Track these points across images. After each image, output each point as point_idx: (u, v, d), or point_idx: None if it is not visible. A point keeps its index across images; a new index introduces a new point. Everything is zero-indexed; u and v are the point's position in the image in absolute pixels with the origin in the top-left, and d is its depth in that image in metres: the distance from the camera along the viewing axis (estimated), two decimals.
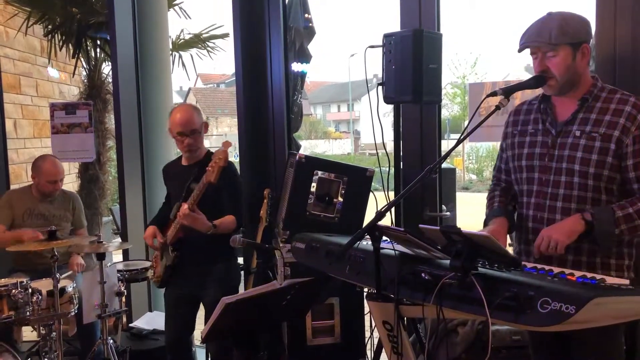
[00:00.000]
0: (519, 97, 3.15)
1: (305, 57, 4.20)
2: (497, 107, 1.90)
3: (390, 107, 2.92)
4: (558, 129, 2.01)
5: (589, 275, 1.62)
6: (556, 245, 1.83)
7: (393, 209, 2.96)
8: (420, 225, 1.70)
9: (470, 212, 3.31)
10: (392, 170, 2.96)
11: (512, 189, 2.22)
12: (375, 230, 1.81)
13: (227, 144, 2.72)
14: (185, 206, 2.71)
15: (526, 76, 2.13)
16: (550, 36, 1.92)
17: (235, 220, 2.87)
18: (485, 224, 2.17)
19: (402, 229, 1.79)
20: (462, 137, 1.94)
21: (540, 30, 1.94)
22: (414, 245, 1.82)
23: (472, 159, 19.96)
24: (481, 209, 2.36)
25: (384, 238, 1.87)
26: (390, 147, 3.00)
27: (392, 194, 2.92)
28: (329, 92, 46.03)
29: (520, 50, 2.02)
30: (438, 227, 1.66)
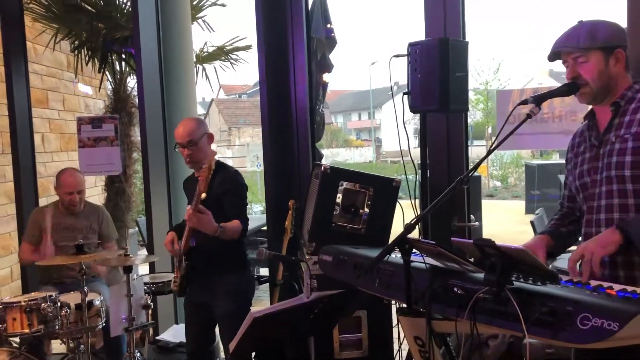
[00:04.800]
0: (546, 105, 3.10)
1: (327, 67, 4.20)
2: (528, 116, 1.86)
3: (412, 115, 2.88)
4: (599, 140, 1.94)
5: (630, 288, 1.56)
6: (591, 256, 1.74)
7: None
8: (453, 239, 1.66)
9: (496, 219, 3.25)
10: (416, 178, 2.93)
11: (574, 215, 2.14)
12: (405, 243, 1.77)
13: (211, 155, 2.83)
14: (189, 208, 2.73)
15: (550, 81, 2.07)
16: (578, 40, 1.87)
17: (241, 224, 2.85)
18: None
19: (433, 242, 1.74)
20: (492, 147, 1.90)
21: (569, 36, 1.90)
22: (445, 258, 1.77)
23: (496, 165, 19.76)
24: (506, 216, 2.32)
25: (414, 250, 1.83)
26: (413, 154, 2.96)
27: (417, 202, 2.88)
28: (349, 100, 46.12)
29: (550, 58, 1.97)
30: (471, 240, 1.61)
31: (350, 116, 47.69)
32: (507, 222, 9.66)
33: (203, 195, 2.66)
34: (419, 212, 3.15)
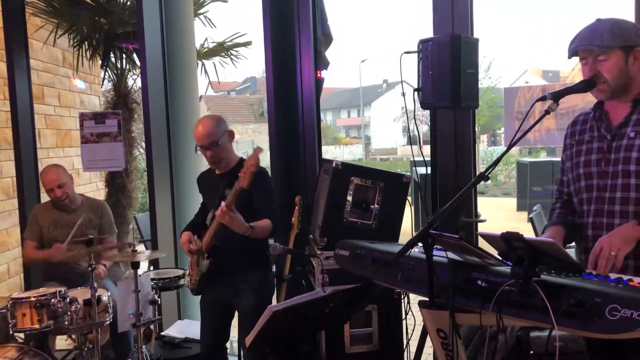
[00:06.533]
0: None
1: (323, 64, 4.20)
2: (547, 112, 1.88)
3: (401, 112, 2.91)
4: (613, 132, 1.99)
5: None
6: (617, 252, 1.78)
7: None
8: (479, 232, 1.69)
9: (489, 216, 3.29)
10: (427, 173, 2.96)
11: (574, 201, 2.18)
12: (427, 238, 1.80)
13: (258, 150, 2.65)
14: (223, 205, 2.65)
15: (540, 80, 2.10)
16: (602, 39, 1.90)
17: (271, 223, 2.82)
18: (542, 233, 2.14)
19: (456, 236, 1.77)
20: (512, 142, 1.92)
21: (592, 35, 1.93)
22: (468, 252, 1.80)
23: (486, 163, 19.87)
24: (498, 213, 2.35)
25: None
26: (401, 152, 2.99)
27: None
28: (338, 98, 46.14)
29: (570, 56, 2.00)
30: (499, 234, 1.64)
31: (340, 113, 47.75)
32: (499, 219, 9.75)
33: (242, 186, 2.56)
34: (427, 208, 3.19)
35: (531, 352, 2.85)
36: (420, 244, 1.82)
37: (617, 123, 1.99)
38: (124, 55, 5.22)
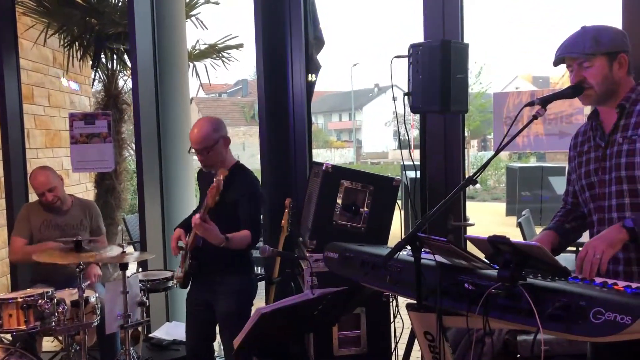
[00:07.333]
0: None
1: (314, 68, 4.21)
2: (535, 117, 1.90)
3: (392, 116, 2.94)
4: (606, 140, 2.00)
5: (634, 285, 1.61)
6: (601, 255, 1.79)
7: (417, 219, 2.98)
8: (467, 235, 1.70)
9: (478, 221, 3.32)
10: (416, 176, 2.98)
11: (578, 211, 2.20)
12: (416, 241, 1.81)
13: (221, 172, 2.65)
14: (196, 216, 2.68)
15: (529, 87, 2.12)
16: (584, 47, 1.93)
17: (250, 235, 2.81)
18: None
19: (444, 239, 1.78)
20: (501, 147, 1.94)
21: (575, 42, 1.96)
22: (455, 255, 1.82)
23: (476, 168, 19.93)
24: (487, 217, 2.37)
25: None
26: (392, 156, 3.01)
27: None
28: (330, 102, 46.21)
29: (555, 64, 2.02)
30: (486, 237, 1.66)
31: (331, 117, 47.82)
32: (488, 224, 9.81)
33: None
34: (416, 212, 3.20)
35: (518, 355, 2.87)
36: (408, 247, 1.84)
37: (608, 130, 2.01)
38: (115, 56, 5.21)
